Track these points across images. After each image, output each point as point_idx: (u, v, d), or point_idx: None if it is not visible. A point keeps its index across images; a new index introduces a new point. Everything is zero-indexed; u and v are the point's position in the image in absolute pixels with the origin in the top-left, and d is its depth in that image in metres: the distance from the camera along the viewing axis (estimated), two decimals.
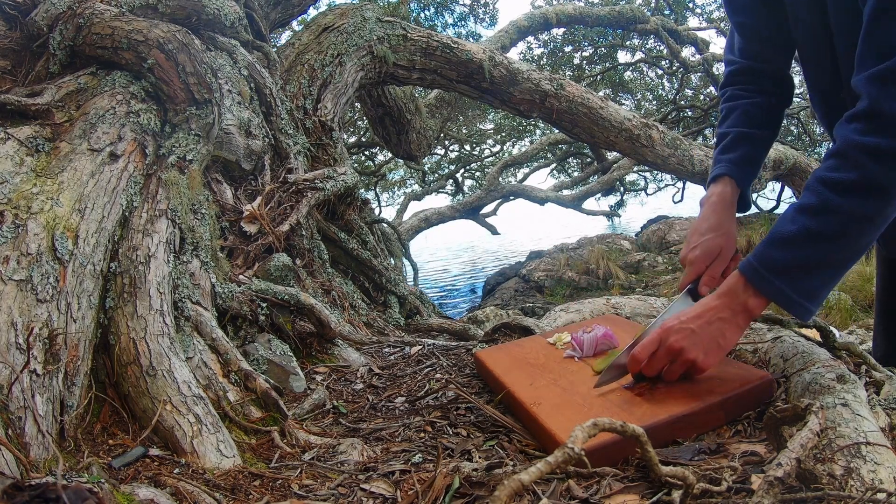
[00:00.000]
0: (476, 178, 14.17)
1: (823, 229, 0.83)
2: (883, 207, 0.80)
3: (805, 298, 0.86)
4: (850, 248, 0.84)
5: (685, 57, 8.35)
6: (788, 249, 0.85)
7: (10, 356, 1.00)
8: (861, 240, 0.83)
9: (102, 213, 1.32)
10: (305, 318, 1.64)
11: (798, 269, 0.85)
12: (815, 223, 0.83)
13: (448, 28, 9.08)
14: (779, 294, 0.87)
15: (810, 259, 0.85)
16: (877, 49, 0.79)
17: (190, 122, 1.62)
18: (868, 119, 0.79)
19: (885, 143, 0.77)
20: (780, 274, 0.86)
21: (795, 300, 0.86)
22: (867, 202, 0.80)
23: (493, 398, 1.19)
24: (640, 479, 0.78)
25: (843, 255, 0.85)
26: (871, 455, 0.70)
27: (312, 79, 2.53)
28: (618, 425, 0.64)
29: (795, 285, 0.86)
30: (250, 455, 1.11)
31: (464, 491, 0.80)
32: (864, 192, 0.80)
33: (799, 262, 0.85)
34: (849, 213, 0.81)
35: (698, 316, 0.93)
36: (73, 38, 1.64)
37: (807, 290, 0.86)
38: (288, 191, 1.98)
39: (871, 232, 0.83)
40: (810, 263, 0.85)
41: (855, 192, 0.80)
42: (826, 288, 0.87)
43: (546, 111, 3.14)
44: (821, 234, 0.83)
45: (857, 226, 0.82)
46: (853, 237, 0.83)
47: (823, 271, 0.85)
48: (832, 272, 0.86)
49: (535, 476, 0.57)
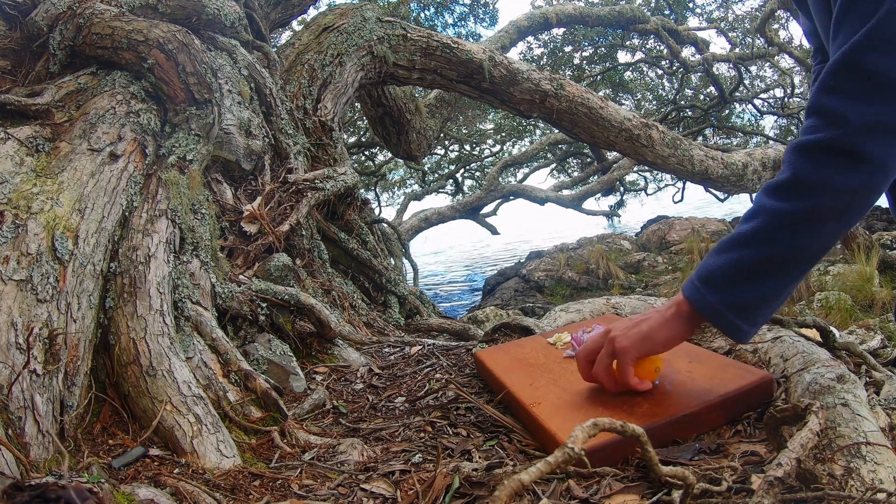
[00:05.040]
0: (476, 178, 14.16)
1: (746, 232, 0.79)
2: (813, 208, 0.75)
3: (733, 313, 0.80)
4: (780, 254, 0.77)
5: (685, 57, 8.35)
6: (714, 256, 0.83)
7: (10, 356, 1.00)
8: (794, 243, 0.77)
9: (102, 213, 1.32)
10: (305, 318, 1.64)
11: (723, 277, 0.81)
12: (744, 227, 0.80)
13: (448, 28, 9.09)
14: (699, 300, 0.83)
15: (735, 265, 0.80)
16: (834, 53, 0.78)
17: (190, 122, 1.62)
18: (807, 118, 0.78)
19: (814, 138, 0.75)
20: (705, 281, 0.83)
21: (718, 309, 0.81)
22: (797, 202, 0.76)
23: (493, 398, 1.19)
24: (640, 479, 0.78)
25: (774, 264, 0.78)
26: (871, 455, 0.70)
27: (312, 79, 2.53)
28: (618, 425, 0.64)
29: (721, 295, 0.81)
30: (250, 455, 1.11)
31: (464, 491, 0.80)
32: (794, 192, 0.76)
33: (724, 269, 0.81)
34: (777, 214, 0.77)
35: (646, 312, 0.94)
36: (73, 38, 1.64)
37: (734, 303, 0.80)
38: (288, 191, 1.98)
39: (806, 235, 0.76)
40: (736, 271, 0.80)
41: (784, 191, 0.77)
42: (759, 305, 0.80)
43: (546, 111, 3.14)
44: (741, 238, 0.79)
45: (788, 229, 0.76)
46: (783, 241, 0.77)
47: (754, 283, 0.79)
48: (765, 285, 0.79)
49: (535, 476, 0.57)
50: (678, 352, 1.11)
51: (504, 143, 12.79)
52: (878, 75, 0.70)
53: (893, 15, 0.69)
